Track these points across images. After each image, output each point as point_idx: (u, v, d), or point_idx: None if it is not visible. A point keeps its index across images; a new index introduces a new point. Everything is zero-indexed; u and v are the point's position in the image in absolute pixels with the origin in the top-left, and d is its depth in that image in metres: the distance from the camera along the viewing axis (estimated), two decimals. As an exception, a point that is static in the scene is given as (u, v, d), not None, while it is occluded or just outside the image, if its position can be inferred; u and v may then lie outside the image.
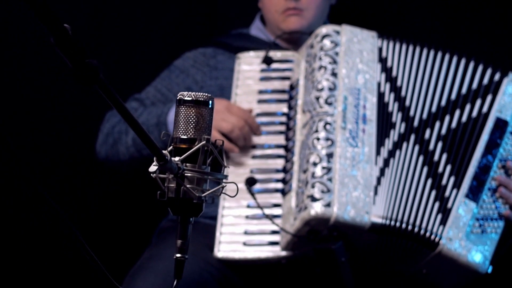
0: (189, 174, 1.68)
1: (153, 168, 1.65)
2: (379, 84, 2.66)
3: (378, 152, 2.58)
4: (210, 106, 1.72)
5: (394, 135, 2.61)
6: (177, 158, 1.67)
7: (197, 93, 1.72)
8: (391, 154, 2.58)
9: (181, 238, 1.69)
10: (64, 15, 3.16)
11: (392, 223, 2.51)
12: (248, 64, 2.81)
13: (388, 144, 2.60)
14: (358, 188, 2.50)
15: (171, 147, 1.70)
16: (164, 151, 1.65)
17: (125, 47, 3.27)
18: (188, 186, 1.67)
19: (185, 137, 1.69)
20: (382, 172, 2.56)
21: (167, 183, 1.68)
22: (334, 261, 2.46)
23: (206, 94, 1.72)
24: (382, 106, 2.64)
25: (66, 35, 1.37)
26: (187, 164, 1.68)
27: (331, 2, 2.96)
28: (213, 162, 1.72)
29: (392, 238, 2.51)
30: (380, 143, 2.59)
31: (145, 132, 1.58)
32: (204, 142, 1.68)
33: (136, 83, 3.01)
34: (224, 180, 1.71)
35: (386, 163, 2.57)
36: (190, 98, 1.71)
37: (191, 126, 1.70)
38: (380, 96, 2.65)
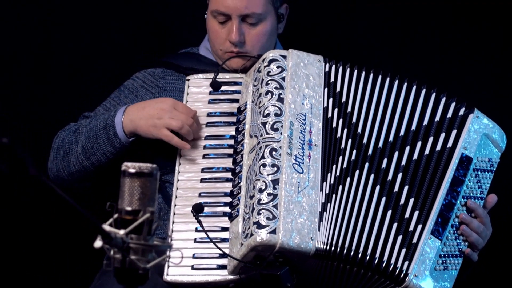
0: (134, 246, 1.74)
1: (98, 243, 1.71)
2: (326, 109, 2.69)
3: (324, 178, 2.61)
4: (154, 177, 1.77)
5: (343, 162, 2.64)
6: (122, 232, 1.73)
7: (142, 164, 1.77)
8: (340, 180, 2.61)
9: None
10: (14, 34, 3.21)
11: (338, 250, 2.54)
12: (197, 87, 2.85)
13: (336, 170, 2.63)
14: (303, 215, 2.55)
15: (116, 215, 1.76)
16: (107, 225, 1.71)
17: (75, 66, 3.29)
18: (133, 257, 1.73)
19: (129, 208, 1.75)
20: (328, 198, 2.59)
21: (113, 253, 1.74)
22: (280, 287, 2.53)
23: (151, 165, 1.77)
24: (329, 131, 2.66)
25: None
26: (132, 236, 1.74)
27: (278, 32, 2.98)
28: None
29: (340, 264, 2.55)
30: (326, 169, 2.62)
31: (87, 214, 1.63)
32: (148, 214, 1.74)
33: (86, 103, 3.04)
34: (169, 250, 1.77)
35: (334, 189, 2.60)
36: (134, 171, 1.76)
37: (136, 197, 1.76)
38: (327, 121, 2.67)
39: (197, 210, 2.65)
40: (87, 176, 2.87)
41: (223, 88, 2.83)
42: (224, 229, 2.68)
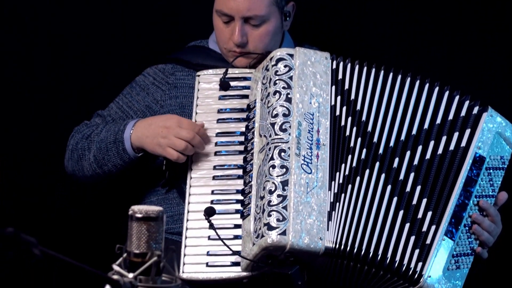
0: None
1: (108, 290, 1.79)
2: (333, 107, 2.71)
3: (332, 178, 2.65)
4: (160, 220, 1.84)
5: (353, 161, 2.66)
6: (130, 275, 1.81)
7: (148, 208, 1.84)
8: (349, 179, 2.64)
9: None
10: (25, 32, 3.26)
11: (348, 248, 2.58)
12: (207, 83, 2.89)
13: (345, 169, 2.66)
14: (312, 215, 2.60)
15: (125, 255, 1.84)
16: (117, 265, 1.79)
17: (86, 61, 3.34)
18: (143, 299, 1.82)
19: (137, 251, 1.83)
20: (337, 197, 2.63)
21: (123, 295, 1.83)
22: (291, 285, 2.61)
23: (157, 208, 1.84)
24: (337, 130, 2.68)
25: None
26: (141, 278, 1.83)
27: (284, 30, 3.00)
28: None
29: (350, 263, 2.60)
30: (335, 168, 2.65)
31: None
32: (155, 258, 1.82)
33: (98, 98, 3.10)
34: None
35: (343, 188, 2.64)
36: (141, 215, 1.84)
37: (143, 240, 1.84)
38: (335, 119, 2.70)
39: (209, 213, 2.71)
40: (102, 180, 2.98)
41: (233, 84, 2.87)
42: (237, 226, 2.73)
